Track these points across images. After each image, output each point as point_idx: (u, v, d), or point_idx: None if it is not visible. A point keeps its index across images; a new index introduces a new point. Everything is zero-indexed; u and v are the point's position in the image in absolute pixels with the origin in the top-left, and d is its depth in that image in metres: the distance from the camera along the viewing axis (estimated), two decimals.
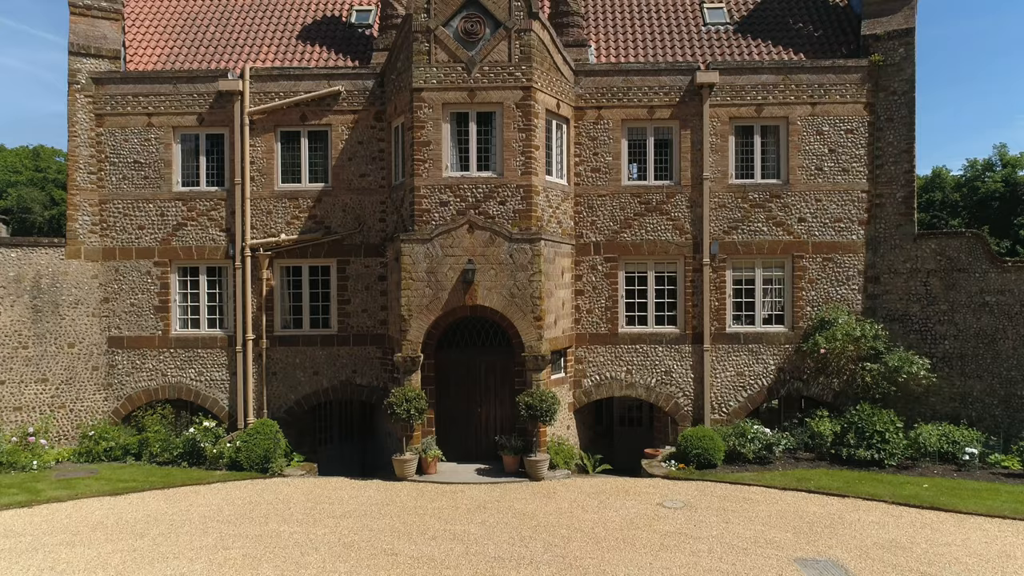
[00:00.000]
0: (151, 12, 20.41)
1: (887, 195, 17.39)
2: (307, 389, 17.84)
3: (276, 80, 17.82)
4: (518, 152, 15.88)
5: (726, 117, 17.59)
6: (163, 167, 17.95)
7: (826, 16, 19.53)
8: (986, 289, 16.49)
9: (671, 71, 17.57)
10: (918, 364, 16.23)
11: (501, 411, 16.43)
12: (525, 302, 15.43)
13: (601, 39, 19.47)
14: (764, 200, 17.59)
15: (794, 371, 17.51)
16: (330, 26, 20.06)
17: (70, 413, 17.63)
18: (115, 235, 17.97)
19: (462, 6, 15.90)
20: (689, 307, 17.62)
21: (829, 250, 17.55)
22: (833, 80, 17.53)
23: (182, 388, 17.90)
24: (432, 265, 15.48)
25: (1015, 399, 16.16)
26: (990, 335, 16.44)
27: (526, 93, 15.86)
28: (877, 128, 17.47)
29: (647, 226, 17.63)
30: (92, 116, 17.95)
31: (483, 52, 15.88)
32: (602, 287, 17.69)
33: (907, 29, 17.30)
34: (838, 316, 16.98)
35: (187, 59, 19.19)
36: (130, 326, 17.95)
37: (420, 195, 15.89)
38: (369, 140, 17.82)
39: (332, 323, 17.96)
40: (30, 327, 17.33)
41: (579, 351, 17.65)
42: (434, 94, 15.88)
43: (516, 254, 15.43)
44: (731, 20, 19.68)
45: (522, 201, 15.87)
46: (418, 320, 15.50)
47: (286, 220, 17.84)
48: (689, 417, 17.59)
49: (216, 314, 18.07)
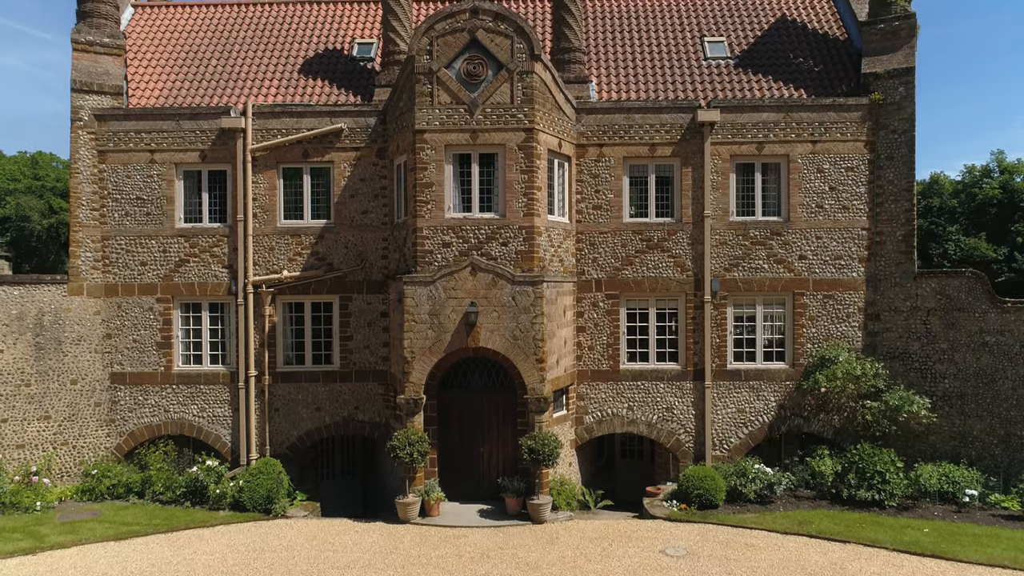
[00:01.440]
0: (153, 45, 20.45)
1: (887, 233, 17.47)
2: (309, 425, 17.89)
3: (279, 117, 17.87)
4: (520, 193, 15.93)
5: (727, 155, 17.67)
6: (165, 203, 17.99)
7: (826, 50, 19.62)
8: (986, 329, 16.57)
9: (672, 109, 17.64)
10: (918, 403, 16.31)
11: (503, 450, 16.49)
12: (527, 344, 15.49)
13: (603, 74, 19.54)
14: (765, 237, 17.66)
15: (795, 408, 17.59)
16: (332, 59, 20.11)
17: (73, 450, 17.65)
18: (117, 271, 18.00)
19: (464, 48, 15.95)
20: (690, 344, 17.69)
21: (830, 287, 17.62)
22: (834, 118, 17.62)
23: (184, 424, 17.94)
24: (435, 307, 15.53)
25: (1015, 439, 16.24)
26: (990, 375, 16.52)
27: (528, 135, 15.92)
28: (877, 166, 17.56)
29: (648, 263, 17.70)
30: (95, 153, 17.98)
31: (485, 94, 15.94)
32: (604, 324, 17.75)
33: (907, 68, 17.38)
34: (839, 354, 17.05)
35: (189, 93, 19.22)
36: (132, 362, 17.98)
37: (423, 236, 15.94)
38: (371, 177, 17.88)
39: (334, 359, 18.00)
40: (33, 364, 17.37)
41: (581, 388, 17.72)
42: (436, 136, 15.94)
43: (519, 296, 15.48)
44: (732, 54, 19.75)
45: (524, 242, 15.93)
46: (421, 362, 15.55)
47: (288, 256, 17.89)
48: (690, 453, 17.66)
49: (218, 350, 18.10)
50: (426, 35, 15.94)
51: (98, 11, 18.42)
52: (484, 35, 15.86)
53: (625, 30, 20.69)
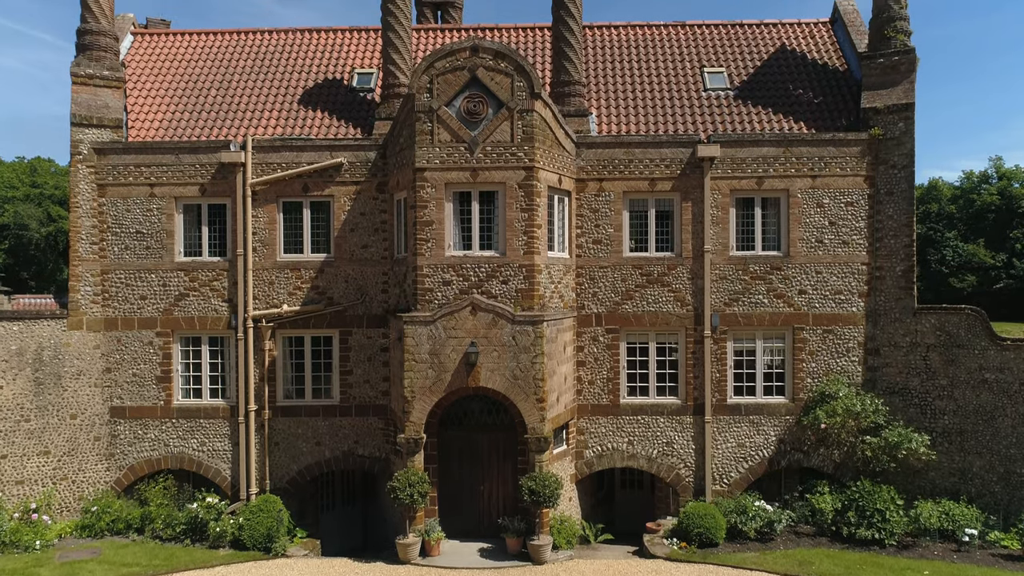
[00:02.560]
0: (153, 73, 20.43)
1: (887, 268, 17.48)
2: (309, 460, 17.87)
3: (278, 151, 17.86)
4: (520, 232, 15.93)
5: (727, 189, 17.67)
6: (165, 237, 17.97)
7: (826, 82, 19.62)
8: (985, 366, 16.59)
9: (672, 143, 17.65)
10: (918, 441, 16.33)
11: (503, 488, 16.48)
12: (528, 384, 15.48)
13: (602, 105, 19.53)
14: (765, 272, 17.67)
15: (795, 442, 17.59)
16: (331, 89, 20.09)
17: (72, 485, 17.62)
18: (117, 305, 17.98)
19: (465, 86, 15.94)
20: (690, 378, 17.69)
21: (829, 322, 17.63)
22: (833, 153, 17.63)
23: (184, 458, 17.91)
24: (435, 347, 15.52)
25: (1014, 476, 16.26)
26: (989, 412, 16.53)
27: (528, 173, 15.91)
28: (877, 201, 17.57)
29: (648, 298, 17.71)
30: (94, 186, 17.96)
31: (486, 132, 15.93)
32: (604, 358, 17.75)
33: (906, 104, 17.39)
34: (838, 389, 17.06)
35: (189, 125, 19.19)
36: (132, 396, 17.96)
37: (423, 274, 15.93)
38: (371, 211, 17.87)
39: (334, 393, 17.99)
40: (32, 400, 17.34)
41: (581, 422, 17.72)
42: (437, 174, 15.93)
43: (519, 336, 15.48)
44: (731, 85, 19.75)
45: (524, 280, 15.92)
46: (421, 401, 15.55)
47: (288, 291, 17.88)
48: (691, 488, 17.66)
49: (218, 384, 18.08)
50: (426, 73, 15.93)
51: (97, 44, 18.37)
52: (484, 73, 15.85)
53: (625, 60, 20.69)
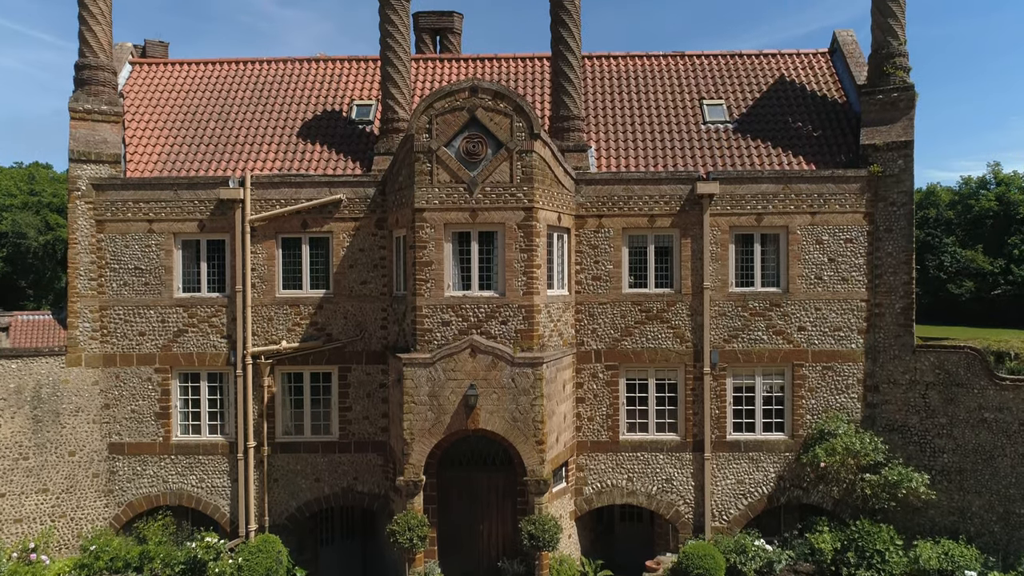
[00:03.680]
0: (151, 105, 20.37)
1: (886, 305, 17.48)
2: (308, 496, 17.86)
3: (277, 187, 17.84)
4: (520, 272, 15.91)
5: (726, 226, 17.66)
6: (164, 273, 17.94)
7: (825, 114, 19.61)
8: (984, 406, 16.59)
9: (672, 180, 17.64)
10: (917, 480, 16.34)
11: (503, 528, 16.47)
12: (527, 426, 15.46)
13: (601, 139, 19.52)
14: (764, 309, 17.67)
15: (794, 479, 17.59)
16: (330, 121, 20.06)
17: (71, 522, 17.59)
18: (116, 341, 17.94)
19: (464, 126, 15.91)
20: (690, 415, 17.69)
21: (829, 359, 17.63)
22: (833, 190, 17.62)
23: (183, 495, 17.89)
24: (434, 389, 15.50)
25: (1014, 517, 16.27)
26: (988, 451, 16.53)
27: (528, 214, 15.89)
28: (876, 238, 17.57)
29: (648, 334, 17.70)
30: (93, 223, 17.92)
31: (485, 172, 15.91)
32: (603, 395, 17.75)
33: (905, 142, 17.39)
34: (838, 427, 17.06)
35: (188, 158, 19.15)
36: (131, 432, 17.93)
37: (422, 315, 15.91)
38: (370, 247, 17.86)
39: (333, 429, 17.98)
40: (31, 437, 17.31)
41: (580, 458, 17.71)
42: (436, 214, 15.91)
43: (518, 378, 15.46)
44: (731, 118, 19.74)
45: (524, 321, 15.90)
46: (420, 444, 15.53)
47: (287, 327, 17.85)
48: (690, 525, 17.66)
49: (217, 420, 18.06)
50: (425, 113, 15.91)
51: (96, 79, 18.34)
52: (483, 114, 15.83)
53: (624, 91, 20.66)
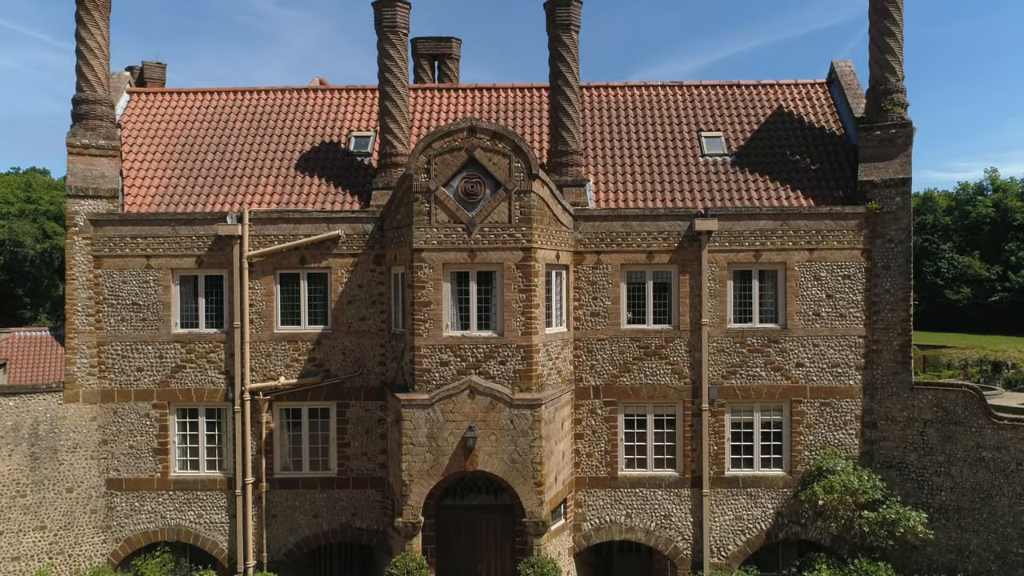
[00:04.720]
0: (149, 135, 20.32)
1: (884, 342, 17.50)
2: (307, 532, 17.84)
3: (275, 223, 17.82)
4: (518, 312, 15.91)
5: (724, 262, 17.68)
6: (162, 309, 17.91)
7: (823, 147, 19.62)
8: (982, 444, 16.61)
9: (670, 217, 17.65)
10: (915, 519, 16.35)
11: (501, 567, 16.47)
12: (526, 468, 15.46)
13: (600, 172, 19.52)
14: (762, 345, 17.68)
15: (792, 515, 17.61)
16: (328, 153, 20.04)
17: (68, 559, 17.56)
18: (113, 377, 17.91)
19: (462, 166, 15.92)
20: (688, 451, 17.70)
21: (827, 395, 17.65)
22: (830, 226, 17.64)
23: (181, 531, 17.86)
24: (433, 430, 15.49)
25: (1011, 556, 16.30)
26: (986, 490, 16.56)
27: (526, 254, 15.89)
28: (874, 275, 17.59)
29: (646, 370, 17.71)
30: (90, 258, 17.88)
31: (483, 213, 15.91)
32: (601, 431, 17.75)
33: (903, 179, 17.43)
34: (836, 463, 17.08)
35: (186, 191, 19.11)
36: (129, 468, 17.90)
37: (420, 355, 15.90)
38: (368, 283, 17.84)
39: (332, 465, 17.96)
40: (28, 475, 17.26)
41: (579, 495, 17.71)
42: (434, 254, 15.91)
43: (517, 420, 15.46)
44: (729, 150, 19.75)
45: (522, 361, 15.90)
46: (419, 485, 15.52)
47: (285, 363, 17.83)
48: (688, 561, 17.67)
49: (215, 456, 18.04)
50: (424, 153, 15.91)
51: (93, 113, 18.30)
52: (482, 154, 15.84)
53: (622, 123, 20.66)
